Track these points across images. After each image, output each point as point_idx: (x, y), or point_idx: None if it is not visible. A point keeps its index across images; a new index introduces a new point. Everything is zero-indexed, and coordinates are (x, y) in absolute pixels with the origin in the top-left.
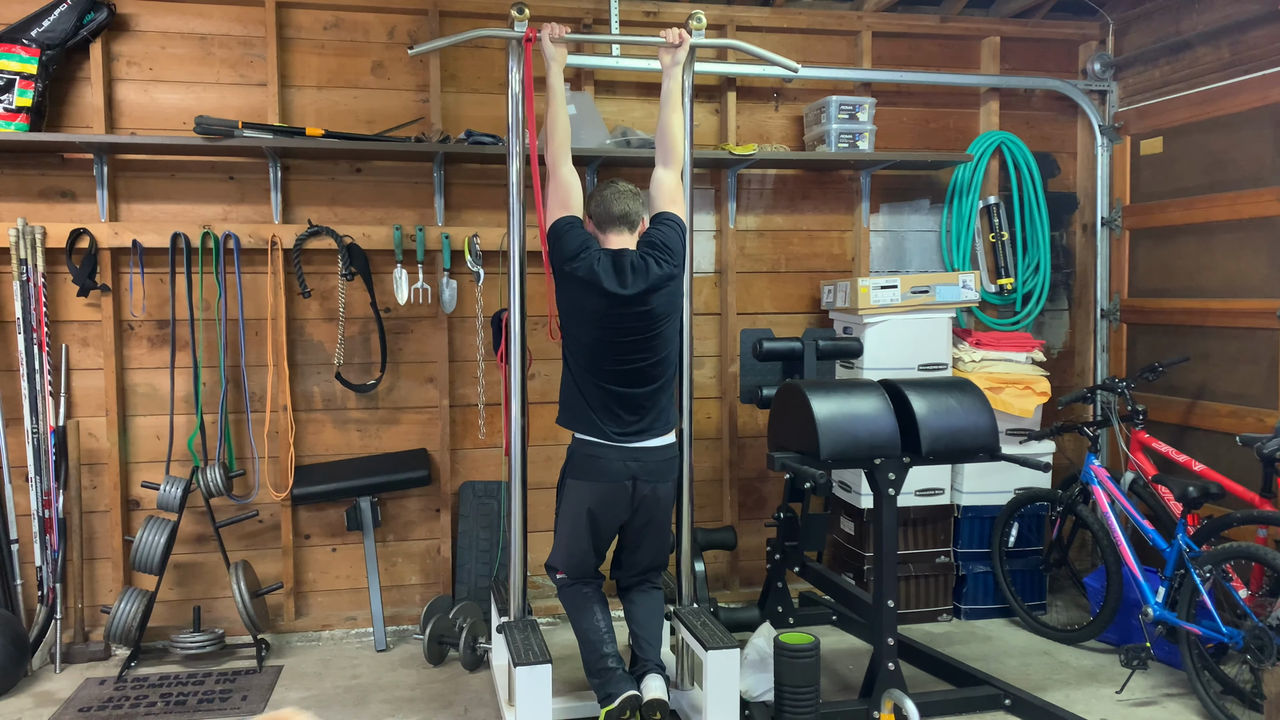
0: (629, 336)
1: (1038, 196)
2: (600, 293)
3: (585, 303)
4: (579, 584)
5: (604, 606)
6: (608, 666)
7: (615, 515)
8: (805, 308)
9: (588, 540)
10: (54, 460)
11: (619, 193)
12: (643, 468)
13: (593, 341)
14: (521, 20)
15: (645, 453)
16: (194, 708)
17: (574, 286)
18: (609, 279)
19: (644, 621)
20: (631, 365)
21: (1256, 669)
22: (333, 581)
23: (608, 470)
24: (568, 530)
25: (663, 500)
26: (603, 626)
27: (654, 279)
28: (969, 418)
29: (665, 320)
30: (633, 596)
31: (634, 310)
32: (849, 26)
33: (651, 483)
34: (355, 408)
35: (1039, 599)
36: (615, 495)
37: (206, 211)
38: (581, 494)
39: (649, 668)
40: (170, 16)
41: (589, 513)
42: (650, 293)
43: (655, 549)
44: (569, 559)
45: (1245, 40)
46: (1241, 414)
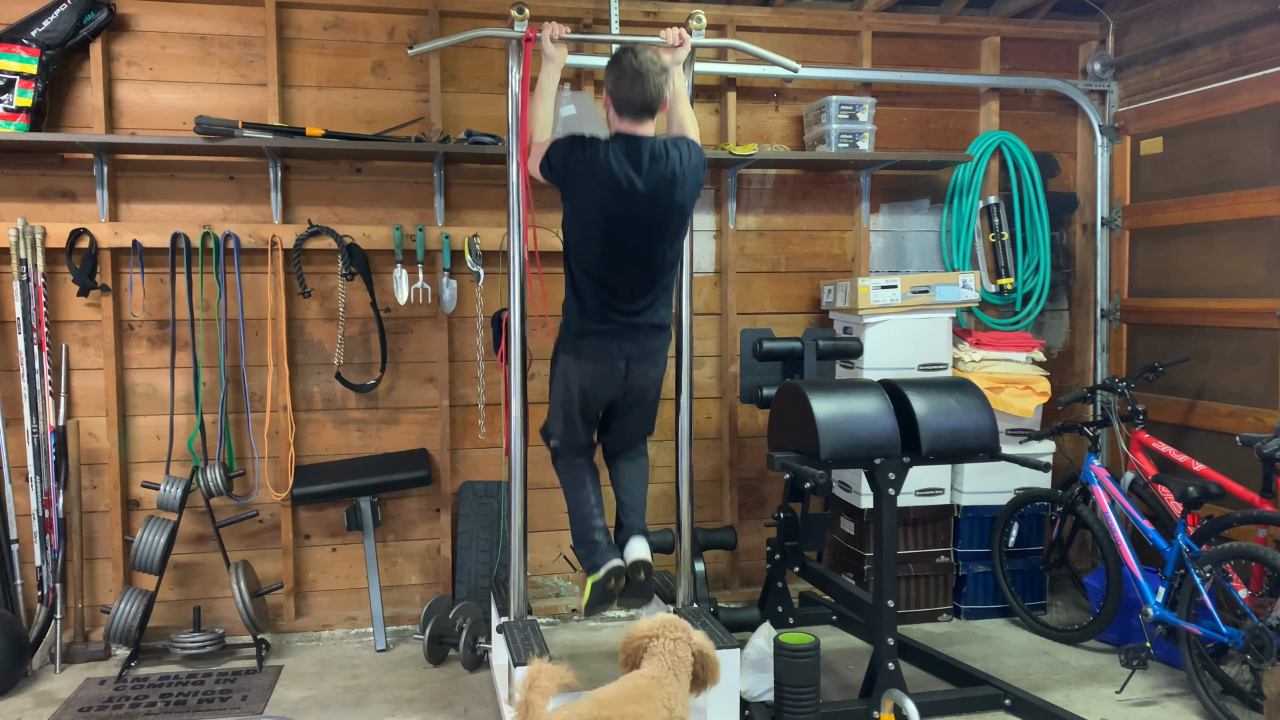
0: (636, 228)
1: (1038, 196)
2: (609, 179)
3: (593, 191)
4: (571, 454)
5: (594, 478)
6: (595, 539)
7: (606, 394)
8: (805, 308)
9: (578, 415)
10: (54, 460)
11: (643, 74)
12: (636, 349)
13: (598, 238)
14: (521, 20)
15: (639, 334)
16: (194, 708)
17: (580, 175)
18: (621, 164)
19: (629, 488)
20: (634, 275)
21: (1256, 669)
22: (333, 581)
23: (600, 350)
24: (560, 401)
25: (653, 382)
26: (593, 500)
27: (674, 172)
28: (969, 418)
29: (676, 214)
30: (619, 463)
31: (645, 199)
32: (849, 26)
33: (643, 364)
34: (355, 408)
35: (1039, 599)
36: (607, 375)
37: (206, 211)
38: (572, 371)
39: (633, 533)
40: (170, 16)
41: (580, 389)
42: (664, 185)
43: (644, 421)
44: (562, 427)
45: (1245, 40)
46: (1241, 414)
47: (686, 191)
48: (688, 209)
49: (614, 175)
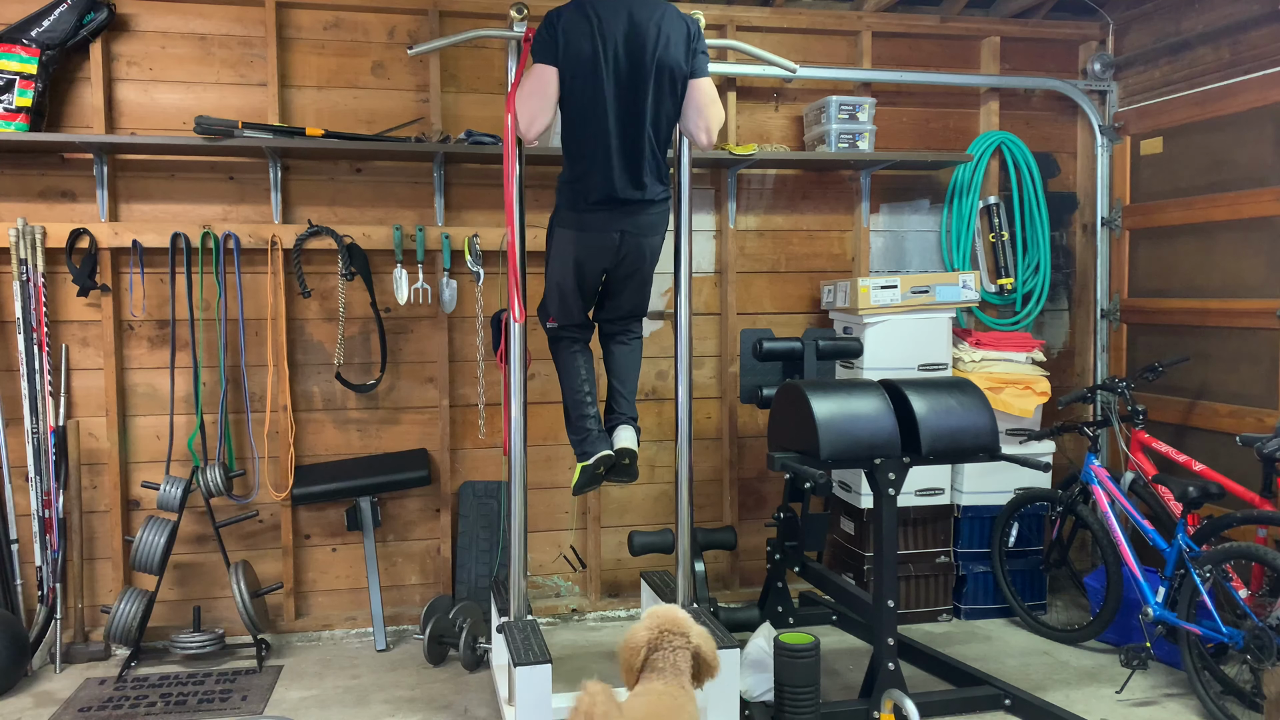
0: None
1: (1038, 196)
2: (598, 28)
3: (580, 52)
4: (568, 338)
5: (589, 364)
6: (587, 427)
7: (601, 263)
8: (805, 308)
9: (573, 286)
10: (54, 460)
11: None
12: (632, 222)
13: (588, 104)
14: (521, 20)
15: (635, 206)
16: (194, 708)
17: (570, 39)
18: (610, 13)
19: (622, 374)
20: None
21: (1256, 669)
22: (333, 581)
23: (593, 221)
24: (556, 276)
25: (648, 254)
26: (586, 388)
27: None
28: (969, 418)
29: (659, 71)
30: (612, 348)
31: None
32: (849, 26)
33: (638, 236)
34: (355, 408)
35: (1039, 599)
36: (602, 246)
37: (206, 211)
38: (568, 243)
39: (622, 420)
40: (170, 16)
41: (575, 261)
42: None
43: (637, 297)
44: (558, 304)
45: (1245, 40)
46: (1241, 414)
47: (672, 49)
48: (678, 59)
49: (603, 24)
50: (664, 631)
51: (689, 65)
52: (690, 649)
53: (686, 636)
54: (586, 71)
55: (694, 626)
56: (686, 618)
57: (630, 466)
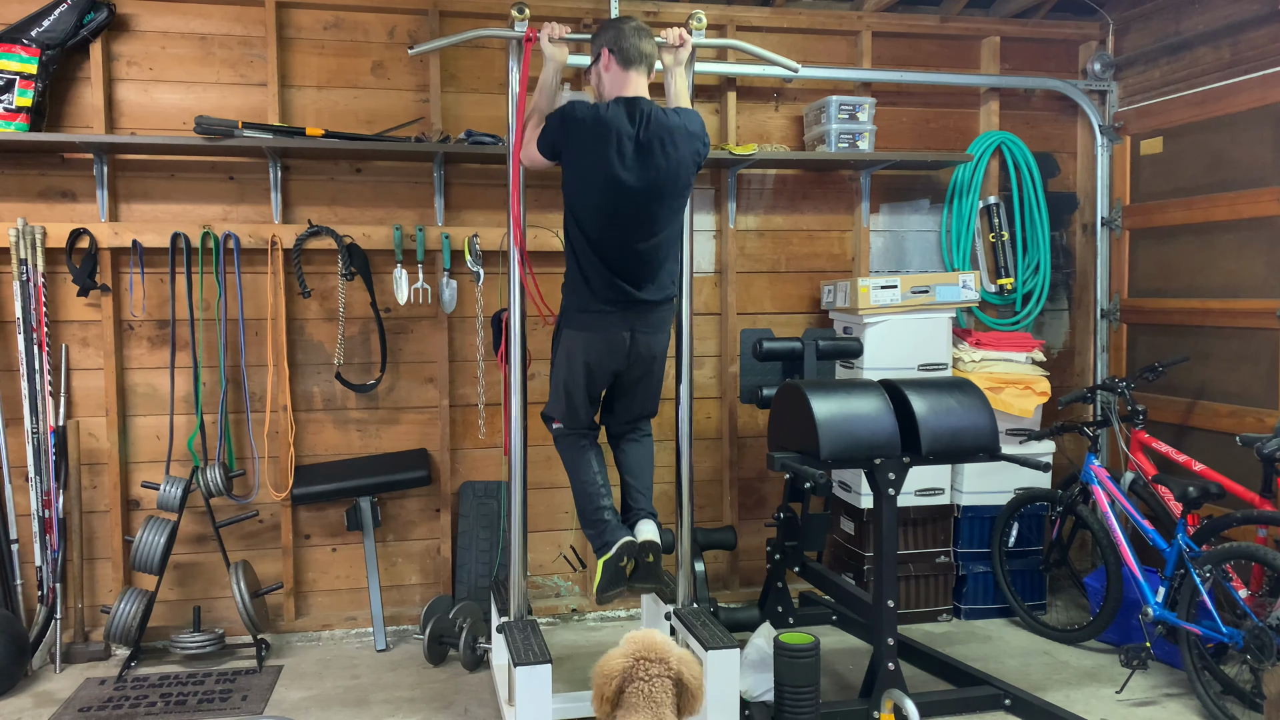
0: (635, 187)
1: (1038, 196)
2: (607, 136)
3: (594, 149)
4: (574, 435)
5: (599, 458)
6: (603, 518)
7: (611, 365)
8: (805, 308)
9: (582, 390)
10: (54, 460)
11: (638, 28)
12: (641, 320)
13: (598, 200)
14: (521, 20)
15: (643, 305)
16: (194, 708)
17: (580, 136)
18: (621, 120)
19: (636, 470)
20: (635, 241)
21: (1256, 669)
22: (333, 581)
23: (604, 322)
24: (563, 379)
25: (658, 352)
26: (599, 480)
27: (668, 125)
28: (969, 418)
29: (674, 176)
30: (624, 446)
31: (641, 156)
32: (849, 26)
33: (648, 334)
34: (355, 408)
35: (1039, 599)
36: (611, 347)
37: (206, 211)
38: (576, 345)
39: (641, 515)
40: (170, 16)
41: (584, 363)
42: (661, 140)
43: (648, 397)
44: (565, 408)
45: (1245, 40)
46: (1241, 414)
47: (683, 152)
48: (686, 168)
49: (611, 132)
50: (640, 660)
51: (695, 169)
52: (671, 676)
53: (666, 663)
54: (594, 182)
55: (675, 651)
56: (667, 642)
57: (654, 566)
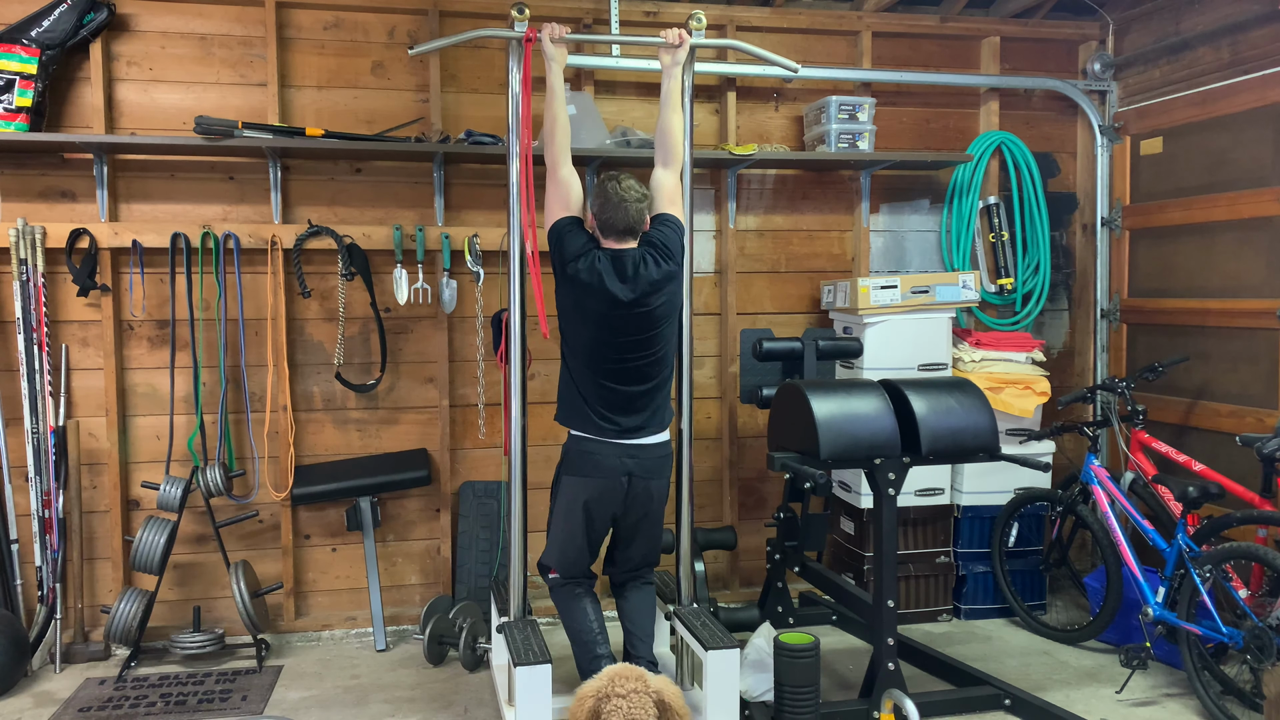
0: (628, 336)
1: (1038, 196)
2: (602, 294)
3: (586, 303)
4: (571, 584)
5: (596, 605)
6: (600, 668)
7: (609, 509)
8: (805, 308)
9: (582, 536)
10: (54, 460)
11: (625, 201)
12: (638, 464)
13: (592, 340)
14: (521, 20)
15: (641, 449)
16: (194, 708)
17: (575, 287)
18: (611, 280)
19: (637, 618)
20: (630, 364)
21: (1256, 669)
22: (333, 581)
23: (603, 465)
24: (562, 527)
25: (656, 496)
26: (595, 627)
27: (655, 279)
28: (969, 418)
29: (665, 321)
30: (625, 593)
31: (634, 311)
32: (849, 26)
33: (646, 479)
34: (355, 408)
35: (1039, 599)
36: (610, 490)
37: (206, 211)
38: (577, 489)
39: (640, 664)
40: (170, 16)
41: (584, 506)
42: (651, 294)
43: (648, 545)
44: (563, 556)
45: (1245, 40)
46: (1241, 414)
47: (671, 288)
48: (676, 304)
49: (605, 289)
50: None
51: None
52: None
53: (643, 680)
54: (593, 316)
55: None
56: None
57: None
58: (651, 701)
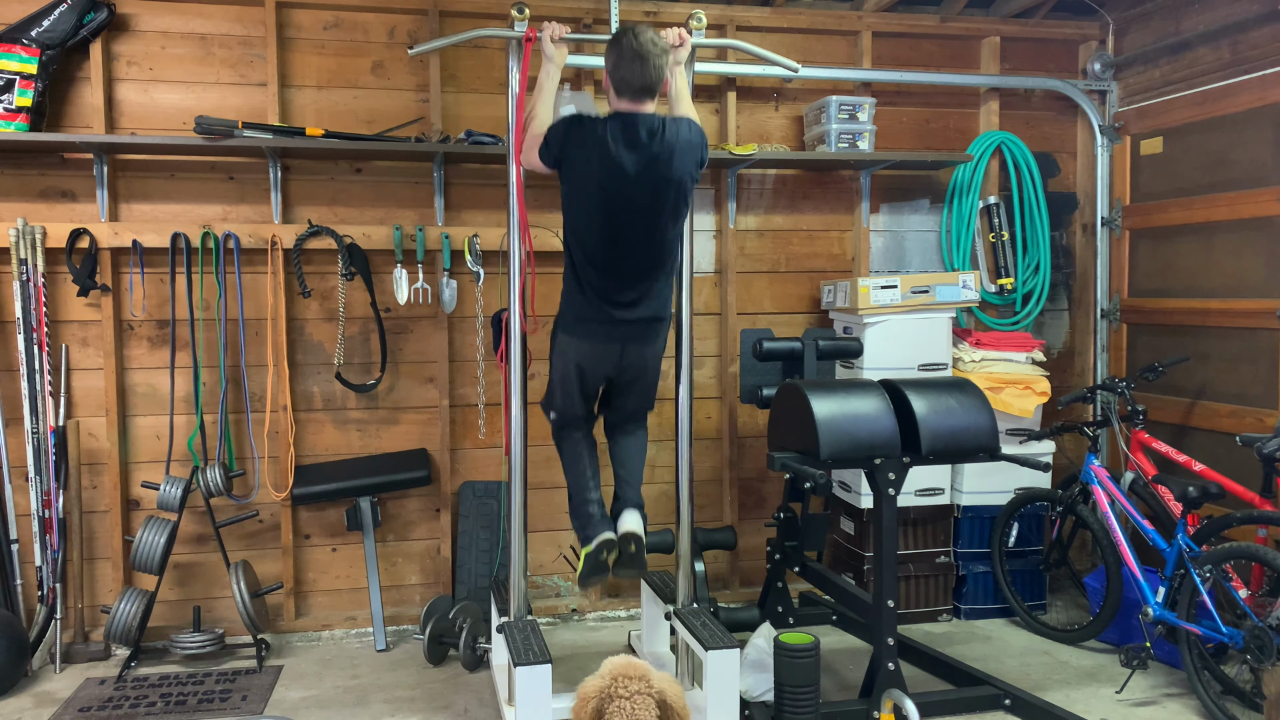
0: (635, 217)
1: (1038, 196)
2: (604, 160)
3: (586, 172)
4: (570, 428)
5: (592, 451)
6: (589, 511)
7: (602, 372)
8: (805, 308)
9: (576, 389)
10: (54, 460)
11: (645, 55)
12: (633, 331)
13: (596, 226)
14: (521, 20)
15: (636, 324)
16: (194, 708)
17: (579, 155)
18: (617, 146)
19: (626, 462)
20: (631, 259)
21: (1256, 669)
22: (333, 581)
23: (598, 333)
24: (558, 376)
25: (650, 363)
26: (589, 473)
27: (673, 146)
28: (969, 418)
29: (673, 199)
30: (617, 438)
31: (642, 183)
32: (849, 26)
33: (639, 346)
34: (355, 408)
35: (1039, 599)
36: (604, 355)
37: (206, 211)
38: (570, 349)
39: (627, 505)
40: (170, 16)
41: (577, 367)
42: (664, 161)
43: (641, 399)
44: (558, 404)
45: (1245, 40)
46: (1241, 414)
47: (684, 167)
48: (686, 186)
49: (611, 152)
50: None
51: (695, 176)
52: (653, 695)
53: (646, 680)
54: (593, 194)
55: (655, 673)
56: (647, 666)
57: (637, 555)
58: (654, 702)
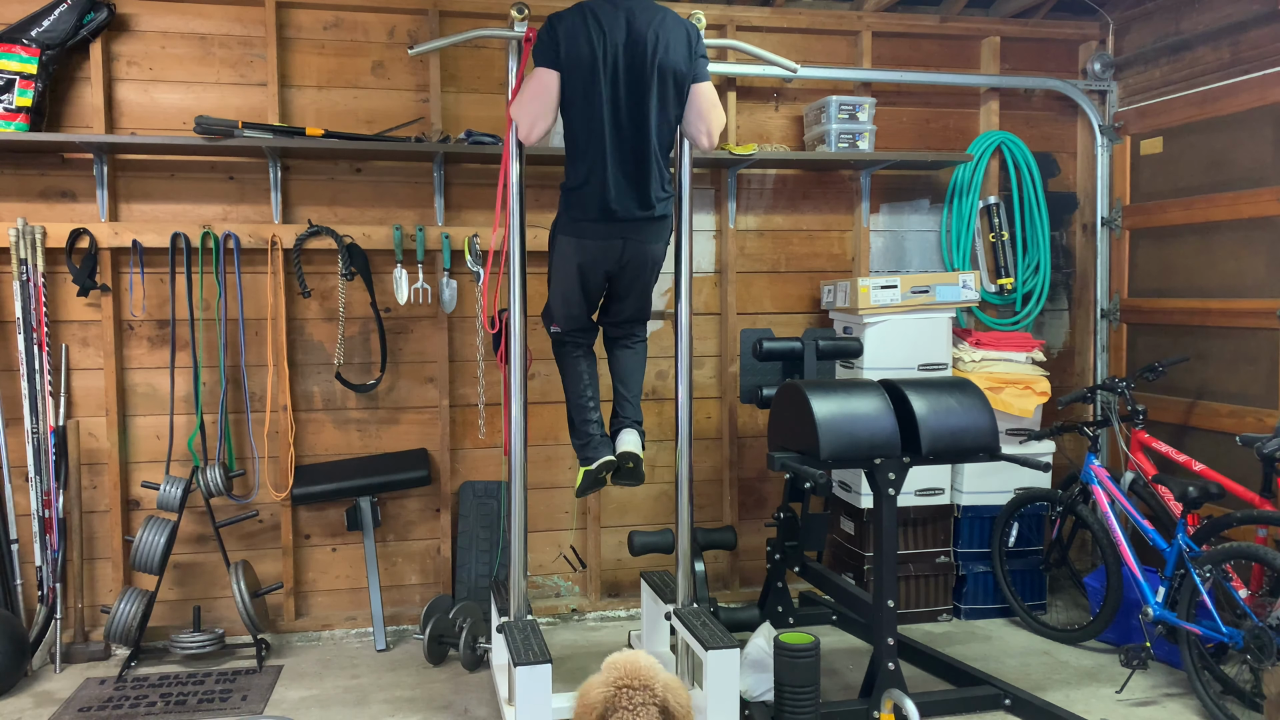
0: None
1: (1038, 196)
2: (599, 36)
3: (579, 55)
4: (571, 343)
5: (592, 370)
6: (589, 432)
7: (604, 269)
8: (805, 308)
9: (577, 291)
10: (54, 460)
11: None
12: (632, 228)
13: (587, 112)
14: (521, 20)
15: (636, 221)
16: (194, 708)
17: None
18: (609, 15)
19: (626, 378)
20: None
21: (1256, 669)
22: (333, 581)
23: (599, 230)
24: (559, 283)
25: (649, 261)
26: (589, 393)
27: (659, 17)
28: (969, 418)
29: (660, 76)
30: (617, 352)
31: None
32: (849, 26)
33: (641, 243)
34: (355, 408)
35: (1039, 599)
36: (605, 251)
37: (206, 211)
38: (570, 250)
39: (626, 424)
40: (170, 16)
41: (578, 267)
42: (650, 41)
43: (639, 302)
44: (562, 310)
45: (1245, 40)
46: (1241, 414)
47: (673, 38)
48: (681, 72)
49: (601, 28)
50: (623, 688)
51: (690, 70)
52: (657, 704)
53: (650, 689)
54: (586, 77)
55: (660, 676)
56: (652, 666)
57: (635, 470)
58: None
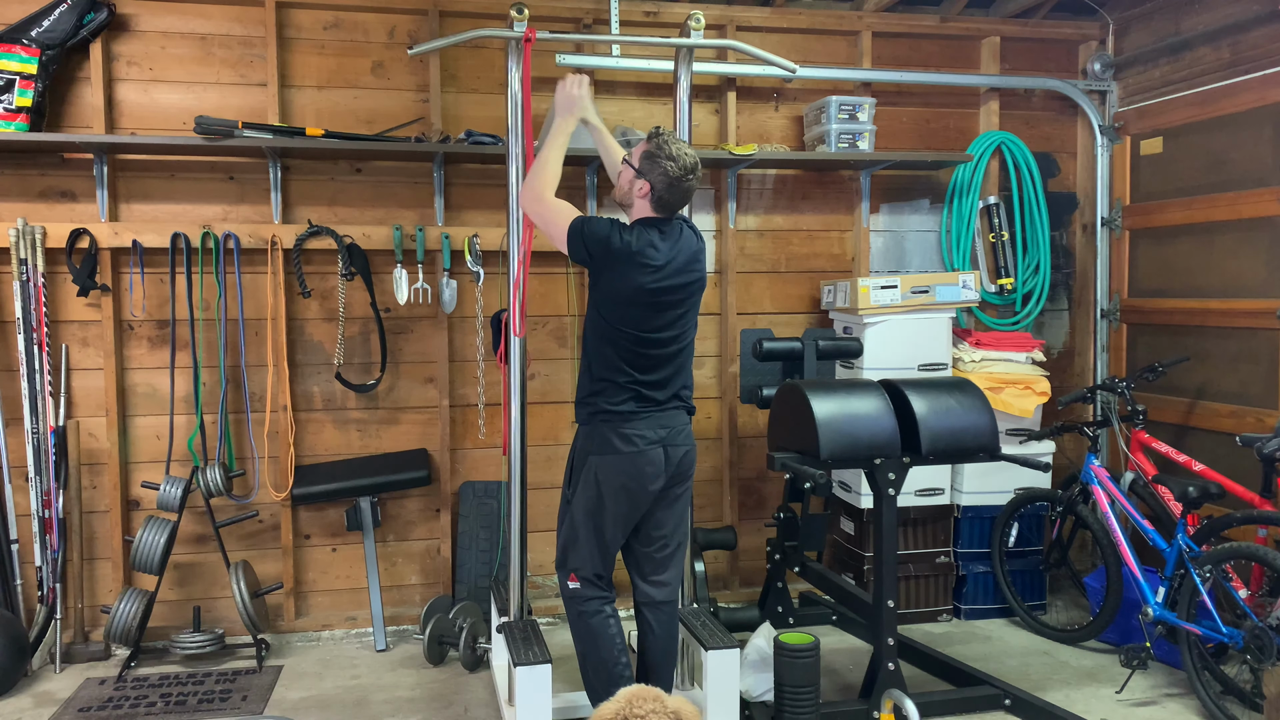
0: (669, 311)
1: (1038, 196)
2: (651, 266)
3: (635, 277)
4: (595, 599)
5: (621, 629)
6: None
7: (651, 484)
8: (805, 308)
9: (621, 520)
10: (54, 460)
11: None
12: (671, 434)
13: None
14: (521, 20)
15: (669, 413)
16: (194, 708)
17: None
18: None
19: (660, 655)
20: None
21: (1256, 669)
22: (333, 581)
23: (641, 437)
24: (589, 513)
25: (691, 466)
26: (624, 659)
27: (695, 249)
28: (969, 418)
29: (696, 294)
30: (647, 615)
31: (676, 282)
32: (849, 26)
33: (679, 447)
34: (355, 408)
35: (1039, 599)
36: (650, 462)
37: (206, 211)
38: (611, 469)
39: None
40: (170, 16)
41: (622, 487)
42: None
43: (683, 517)
44: (596, 548)
45: (1245, 40)
46: (1241, 414)
47: (701, 263)
48: (705, 279)
49: (652, 257)
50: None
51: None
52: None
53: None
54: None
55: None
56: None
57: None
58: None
